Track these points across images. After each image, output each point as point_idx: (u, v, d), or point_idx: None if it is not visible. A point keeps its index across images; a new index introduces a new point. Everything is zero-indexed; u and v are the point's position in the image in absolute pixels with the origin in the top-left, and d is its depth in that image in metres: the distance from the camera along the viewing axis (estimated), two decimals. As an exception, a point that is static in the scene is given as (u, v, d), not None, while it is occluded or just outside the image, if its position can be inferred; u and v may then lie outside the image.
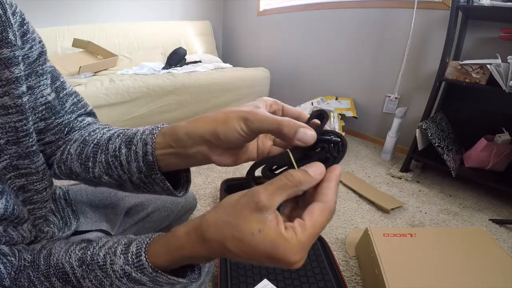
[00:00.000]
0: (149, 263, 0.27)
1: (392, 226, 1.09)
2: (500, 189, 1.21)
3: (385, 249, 0.74)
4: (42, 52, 0.35)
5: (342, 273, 0.78)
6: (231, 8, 2.93)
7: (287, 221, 0.24)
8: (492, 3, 1.15)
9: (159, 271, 0.27)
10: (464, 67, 1.22)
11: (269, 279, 0.72)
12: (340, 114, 1.77)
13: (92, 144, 0.35)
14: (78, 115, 0.41)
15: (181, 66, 2.11)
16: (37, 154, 0.35)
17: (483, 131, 1.35)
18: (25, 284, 0.29)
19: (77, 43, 2.01)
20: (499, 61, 1.12)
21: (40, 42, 0.35)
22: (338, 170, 0.25)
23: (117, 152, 0.32)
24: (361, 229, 1.02)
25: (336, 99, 1.99)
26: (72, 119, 0.40)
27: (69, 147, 0.37)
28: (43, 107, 0.35)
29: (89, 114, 0.44)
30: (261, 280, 0.72)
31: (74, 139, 0.38)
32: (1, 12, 0.28)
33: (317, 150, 0.26)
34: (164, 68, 2.01)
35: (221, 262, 0.76)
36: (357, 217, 1.13)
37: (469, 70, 1.21)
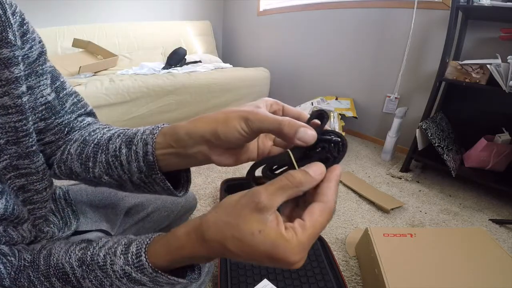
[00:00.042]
0: (149, 263, 0.27)
1: (392, 226, 1.09)
2: (500, 189, 1.21)
3: (385, 249, 0.74)
4: (42, 52, 0.35)
5: (342, 273, 0.78)
6: (231, 8, 2.93)
7: (287, 221, 0.24)
8: (492, 3, 1.15)
9: (159, 271, 0.27)
10: (464, 67, 1.22)
11: (269, 279, 0.72)
12: (340, 114, 1.77)
13: (93, 144, 0.35)
14: (78, 115, 0.41)
15: (181, 66, 2.11)
16: (37, 154, 0.35)
17: (483, 131, 1.35)
18: (25, 284, 0.29)
19: (77, 43, 2.01)
20: (499, 61, 1.12)
21: (40, 42, 0.35)
22: (339, 170, 0.25)
23: (117, 152, 0.32)
24: (361, 229, 1.02)
25: (336, 99, 1.99)
26: (72, 119, 0.40)
27: (69, 147, 0.37)
28: (43, 107, 0.35)
29: (89, 114, 0.44)
30: (261, 280, 0.72)
31: (74, 139, 0.38)
32: (0, 12, 0.28)
33: (318, 150, 0.26)
34: (164, 68, 2.01)
35: (221, 262, 0.76)
36: (357, 217, 1.13)
37: (469, 70, 1.21)
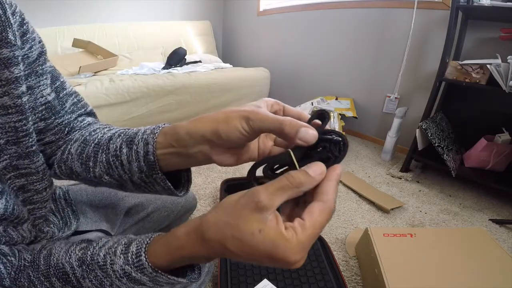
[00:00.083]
0: (149, 263, 0.27)
1: (392, 226, 1.09)
2: (500, 189, 1.21)
3: (385, 249, 0.74)
4: (42, 52, 0.35)
5: (342, 273, 0.78)
6: (231, 8, 2.93)
7: (287, 221, 0.24)
8: (492, 3, 1.15)
9: (159, 271, 0.27)
10: (464, 67, 1.22)
11: (269, 279, 0.72)
12: (340, 114, 1.77)
13: (93, 144, 0.35)
14: (78, 115, 0.41)
15: (181, 66, 2.11)
16: (37, 154, 0.35)
17: (483, 131, 1.35)
18: (25, 284, 0.29)
19: (77, 43, 2.01)
20: (499, 61, 1.12)
21: (40, 42, 0.35)
22: (339, 169, 0.25)
23: (118, 152, 0.32)
24: (361, 229, 1.02)
25: (336, 99, 1.99)
26: (72, 119, 0.40)
27: (69, 147, 0.37)
28: (43, 107, 0.35)
29: (89, 114, 0.44)
30: (261, 280, 0.72)
31: (75, 139, 0.38)
32: (0, 12, 0.28)
33: (319, 150, 0.26)
34: (164, 68, 2.01)
35: (221, 262, 0.76)
36: (357, 217, 1.13)
37: (469, 70, 1.21)
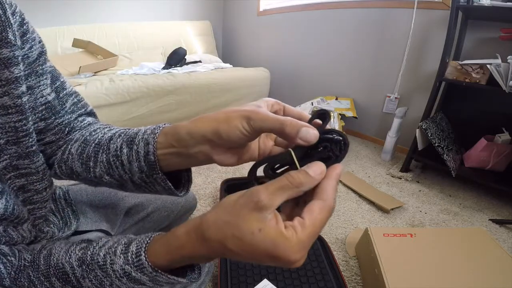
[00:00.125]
0: (149, 263, 0.27)
1: (392, 226, 1.09)
2: (500, 189, 1.21)
3: (385, 249, 0.74)
4: (42, 52, 0.35)
5: (342, 273, 0.78)
6: (231, 8, 2.93)
7: (287, 220, 0.24)
8: (492, 3, 1.15)
9: (159, 270, 0.27)
10: (464, 67, 1.22)
11: (269, 279, 0.72)
12: (340, 114, 1.77)
13: (93, 144, 0.35)
14: (79, 115, 0.41)
15: (181, 66, 2.11)
16: (37, 154, 0.35)
17: (483, 131, 1.35)
18: (25, 284, 0.29)
19: (77, 43, 2.01)
20: (499, 61, 1.12)
21: (40, 42, 0.35)
22: (339, 168, 0.25)
23: (118, 152, 0.32)
24: (361, 229, 1.02)
25: (336, 99, 1.99)
26: (72, 119, 0.40)
27: (70, 147, 0.37)
28: (43, 107, 0.35)
29: (89, 114, 0.44)
30: (261, 280, 0.72)
31: (75, 139, 0.38)
32: (0, 12, 0.28)
33: (319, 149, 0.26)
34: (164, 68, 2.01)
35: (221, 262, 0.76)
36: (357, 217, 1.13)
37: (469, 70, 1.21)
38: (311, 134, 0.24)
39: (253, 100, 0.30)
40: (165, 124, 0.31)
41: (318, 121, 0.28)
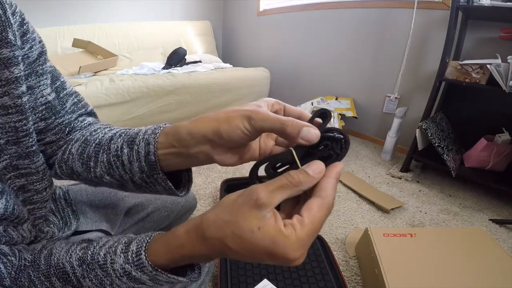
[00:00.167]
0: (149, 262, 0.27)
1: (392, 226, 1.09)
2: (500, 189, 1.21)
3: (385, 249, 0.74)
4: (42, 52, 0.35)
5: (342, 273, 0.78)
6: (231, 8, 2.93)
7: (286, 218, 0.24)
8: (492, 3, 1.15)
9: (159, 269, 0.27)
10: (464, 67, 1.22)
11: (269, 279, 0.72)
12: (340, 114, 1.77)
13: (94, 144, 0.35)
14: (79, 115, 0.41)
15: (181, 66, 2.11)
16: (37, 154, 0.35)
17: (483, 131, 1.35)
18: (25, 283, 0.29)
19: (77, 43, 2.01)
20: (499, 61, 1.12)
21: (40, 42, 0.35)
22: (339, 167, 0.25)
23: (119, 152, 0.32)
24: (361, 229, 1.02)
25: (336, 99, 1.99)
26: (72, 119, 0.40)
27: (70, 147, 0.37)
28: (43, 107, 0.35)
29: (89, 114, 0.44)
30: (261, 280, 0.72)
31: (76, 139, 0.38)
32: (0, 12, 0.28)
33: (320, 148, 0.26)
34: (164, 68, 2.01)
35: (221, 262, 0.76)
36: (357, 217, 1.13)
37: (469, 70, 1.21)
38: (312, 133, 0.24)
39: (253, 100, 0.30)
40: (165, 124, 0.31)
41: (319, 120, 0.28)
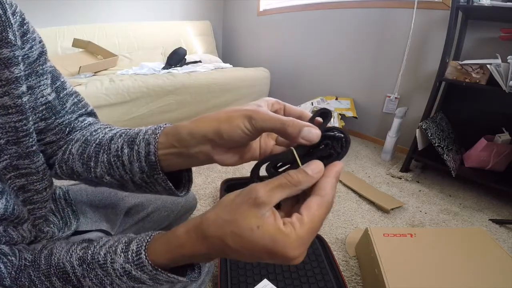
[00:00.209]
0: (149, 261, 0.27)
1: (392, 226, 1.09)
2: (500, 189, 1.21)
3: (385, 249, 0.74)
4: (42, 52, 0.35)
5: (342, 273, 0.78)
6: (231, 8, 2.93)
7: (286, 217, 0.24)
8: (492, 3, 1.15)
9: (159, 269, 0.27)
10: (464, 67, 1.22)
11: (269, 279, 0.72)
12: (340, 114, 1.77)
13: (94, 144, 0.35)
14: (79, 115, 0.41)
15: (181, 66, 2.11)
16: (37, 154, 0.35)
17: (483, 131, 1.35)
18: (26, 283, 0.29)
19: (77, 43, 2.01)
20: (499, 61, 1.12)
21: (40, 42, 0.35)
22: (339, 166, 0.25)
23: (119, 152, 0.32)
24: (361, 229, 1.02)
25: (336, 99, 1.99)
26: (73, 119, 0.40)
27: (70, 147, 0.37)
28: (43, 107, 0.35)
29: (90, 114, 0.44)
30: (261, 280, 0.72)
31: (76, 139, 0.38)
32: (1, 12, 0.28)
33: (321, 147, 0.26)
34: (164, 68, 2.01)
35: (221, 262, 0.76)
36: (357, 217, 1.13)
37: (469, 70, 1.21)
38: (313, 133, 0.24)
39: (253, 100, 0.30)
40: (166, 124, 0.31)
41: (319, 119, 0.28)
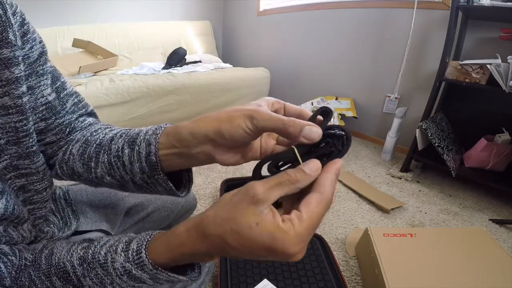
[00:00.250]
0: (149, 260, 0.27)
1: (392, 226, 1.09)
2: (500, 189, 1.21)
3: (385, 249, 0.74)
4: (42, 52, 0.35)
5: (342, 273, 0.78)
6: (231, 8, 2.93)
7: (285, 214, 0.24)
8: (492, 3, 1.15)
9: (159, 268, 0.27)
10: (464, 67, 1.22)
11: (269, 279, 0.72)
12: (340, 114, 1.77)
13: (95, 144, 0.35)
14: (79, 115, 0.41)
15: (181, 66, 2.11)
16: (37, 154, 0.35)
17: (483, 131, 1.35)
18: (26, 283, 0.29)
19: (77, 43, 2.01)
20: (499, 61, 1.12)
21: (40, 42, 0.35)
22: (339, 163, 0.26)
23: (120, 153, 0.32)
24: (361, 229, 1.02)
25: (336, 99, 1.99)
26: (73, 119, 0.40)
27: (71, 147, 0.37)
28: (43, 107, 0.35)
29: (90, 114, 0.43)
30: (261, 280, 0.72)
31: (76, 139, 0.38)
32: (1, 12, 0.28)
33: (322, 145, 0.26)
34: (164, 68, 2.01)
35: (221, 262, 0.76)
36: (357, 217, 1.13)
37: (469, 70, 1.21)
38: (314, 132, 0.25)
39: (253, 100, 0.30)
40: (166, 124, 0.31)
41: (320, 117, 0.28)
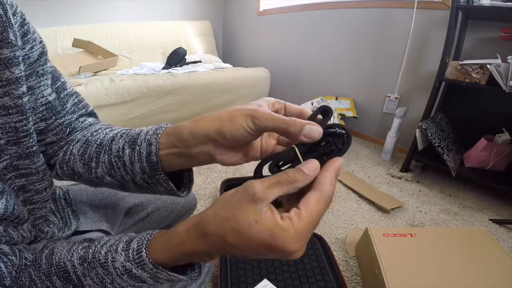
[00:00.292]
0: (150, 259, 0.27)
1: (392, 226, 1.09)
2: (500, 189, 1.21)
3: (385, 249, 0.74)
4: (42, 53, 0.35)
5: (342, 273, 0.78)
6: (231, 8, 2.93)
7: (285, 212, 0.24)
8: (492, 3, 1.15)
9: (159, 267, 0.27)
10: (464, 67, 1.22)
11: (269, 279, 0.72)
12: (340, 114, 1.77)
13: (95, 145, 0.35)
14: (79, 116, 0.41)
15: (181, 66, 2.11)
16: (37, 155, 0.35)
17: (483, 131, 1.35)
18: (26, 283, 0.29)
19: (77, 43, 2.01)
20: (499, 61, 1.12)
21: (40, 42, 0.35)
22: (338, 161, 0.26)
23: (120, 153, 0.32)
24: (361, 229, 1.02)
25: (336, 99, 1.99)
26: (73, 120, 0.40)
27: (71, 147, 0.37)
28: (43, 107, 0.35)
29: (90, 114, 0.43)
30: (261, 280, 0.72)
31: (77, 139, 0.38)
32: (1, 13, 0.28)
33: (322, 144, 0.26)
34: (164, 68, 2.01)
35: (221, 262, 0.76)
36: (357, 217, 1.13)
37: (469, 70, 1.21)
38: (314, 130, 0.25)
39: (253, 100, 0.30)
40: (167, 124, 0.31)
41: (320, 117, 0.28)
